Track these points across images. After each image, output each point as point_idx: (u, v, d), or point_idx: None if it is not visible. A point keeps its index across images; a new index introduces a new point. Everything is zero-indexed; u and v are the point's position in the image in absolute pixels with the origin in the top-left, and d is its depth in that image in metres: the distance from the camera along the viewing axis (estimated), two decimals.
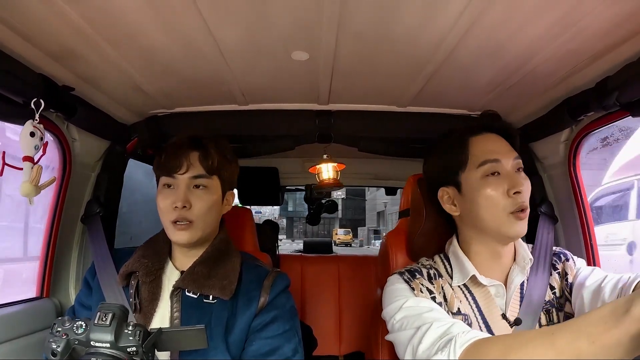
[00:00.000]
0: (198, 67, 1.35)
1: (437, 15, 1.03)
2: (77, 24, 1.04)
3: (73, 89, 1.32)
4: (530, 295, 1.16)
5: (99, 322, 0.84)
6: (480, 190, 1.11)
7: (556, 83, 1.37)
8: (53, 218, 1.54)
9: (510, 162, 1.11)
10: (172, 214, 1.16)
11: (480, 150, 1.14)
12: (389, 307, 1.11)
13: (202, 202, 1.18)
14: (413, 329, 1.00)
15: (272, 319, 1.17)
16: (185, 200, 1.15)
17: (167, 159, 1.20)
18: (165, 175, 1.20)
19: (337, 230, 34.62)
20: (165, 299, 1.18)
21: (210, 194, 1.21)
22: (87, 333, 0.84)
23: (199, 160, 1.20)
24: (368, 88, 1.56)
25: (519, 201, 1.07)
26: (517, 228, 1.08)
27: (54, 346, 0.84)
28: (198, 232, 1.18)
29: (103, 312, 0.85)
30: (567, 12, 0.98)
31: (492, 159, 1.11)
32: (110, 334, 0.83)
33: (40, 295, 1.54)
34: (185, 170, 1.18)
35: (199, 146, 1.22)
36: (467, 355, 0.84)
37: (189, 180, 1.18)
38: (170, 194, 1.18)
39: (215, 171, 1.21)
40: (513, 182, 1.08)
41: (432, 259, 1.25)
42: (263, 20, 1.06)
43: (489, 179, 1.10)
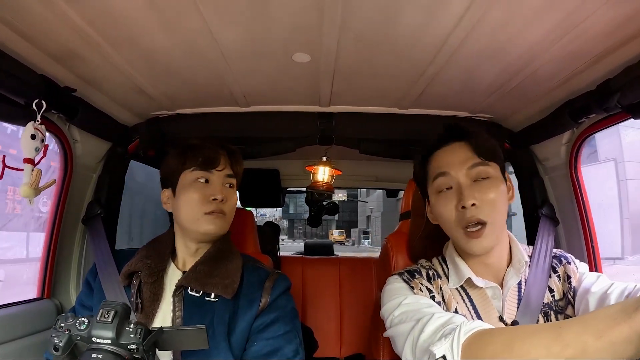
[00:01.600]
0: (199, 69, 1.35)
1: (438, 18, 1.03)
2: (78, 26, 1.04)
3: (74, 90, 1.32)
4: (528, 297, 1.15)
5: (101, 319, 0.85)
6: (436, 206, 1.12)
7: (557, 85, 1.37)
8: (54, 219, 1.54)
9: (463, 173, 1.07)
10: (209, 205, 1.20)
11: (435, 164, 1.13)
12: (388, 305, 1.11)
13: (233, 199, 1.28)
14: (413, 321, 0.99)
15: (273, 320, 1.17)
16: (223, 193, 1.22)
17: (201, 154, 1.24)
18: (200, 169, 1.24)
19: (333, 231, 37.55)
20: (167, 298, 1.18)
21: (234, 193, 1.30)
22: (89, 329, 0.85)
23: (229, 161, 1.29)
24: (369, 90, 1.56)
25: (467, 216, 1.03)
26: (471, 246, 1.06)
27: (57, 341, 0.85)
28: (227, 224, 1.26)
29: (105, 309, 0.86)
30: (567, 15, 0.98)
31: (441, 172, 1.09)
32: (111, 331, 0.84)
33: (41, 296, 1.54)
34: (223, 167, 1.26)
35: (226, 148, 1.30)
36: (471, 342, 0.82)
37: (224, 177, 1.26)
38: (206, 188, 1.23)
39: (237, 174, 1.31)
40: (459, 196, 1.05)
41: (431, 262, 1.25)
42: (264, 22, 1.07)
43: (442, 194, 1.10)
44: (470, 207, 1.03)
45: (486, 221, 1.03)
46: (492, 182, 1.06)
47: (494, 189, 1.05)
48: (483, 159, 1.07)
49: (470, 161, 1.07)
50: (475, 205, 1.03)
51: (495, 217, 1.05)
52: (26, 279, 2.34)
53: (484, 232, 1.03)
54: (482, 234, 1.03)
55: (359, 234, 37.51)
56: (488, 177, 1.07)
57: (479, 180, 1.06)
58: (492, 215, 1.04)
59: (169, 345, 0.93)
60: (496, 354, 0.76)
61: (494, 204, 1.04)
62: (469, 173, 1.07)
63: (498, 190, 1.06)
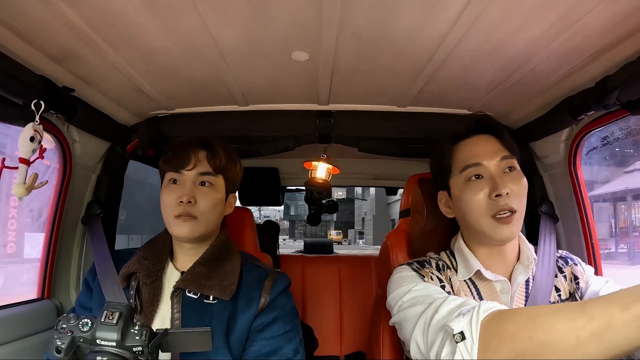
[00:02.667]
0: (198, 68, 1.35)
1: (437, 15, 1.03)
2: (77, 25, 1.04)
3: (73, 90, 1.32)
4: (535, 294, 1.16)
5: (106, 320, 0.83)
6: (463, 195, 1.12)
7: (556, 82, 1.37)
8: (54, 219, 1.54)
9: (495, 163, 1.10)
10: (177, 208, 1.17)
11: (463, 155, 1.14)
12: (397, 291, 1.10)
13: (207, 199, 1.19)
14: (425, 304, 0.98)
15: (273, 319, 1.17)
16: (191, 196, 1.17)
17: (174, 155, 1.21)
18: (171, 170, 1.21)
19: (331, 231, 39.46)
20: (166, 299, 1.18)
21: (215, 191, 1.22)
22: (92, 331, 0.84)
23: (206, 158, 1.22)
24: (368, 88, 1.56)
25: (500, 204, 1.05)
26: (500, 232, 1.07)
27: (59, 343, 0.84)
28: (201, 227, 1.19)
29: (110, 310, 0.84)
30: (566, 11, 0.98)
31: (473, 163, 1.11)
32: (116, 333, 0.82)
33: (41, 296, 1.54)
34: (193, 166, 1.20)
35: (207, 145, 1.24)
36: (491, 320, 0.81)
37: (195, 176, 1.20)
38: (176, 189, 1.19)
39: (221, 170, 1.23)
40: (494, 185, 1.07)
41: (439, 254, 1.25)
42: (263, 20, 1.06)
43: (471, 183, 1.11)
44: (505, 195, 1.05)
45: (516, 209, 1.06)
46: (519, 174, 1.11)
47: (521, 180, 1.10)
48: (509, 152, 1.12)
49: (500, 153, 1.11)
50: (508, 194, 1.06)
51: (522, 207, 1.09)
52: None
53: (513, 219, 1.06)
54: (512, 220, 1.06)
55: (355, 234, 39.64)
56: (515, 169, 1.11)
57: (508, 171, 1.10)
58: (520, 204, 1.08)
59: (173, 347, 0.92)
60: (518, 329, 0.74)
61: (522, 194, 1.09)
62: (500, 164, 1.10)
63: (524, 182, 1.11)
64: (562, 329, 0.68)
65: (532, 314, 0.76)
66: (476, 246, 1.17)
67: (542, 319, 0.72)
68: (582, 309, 0.68)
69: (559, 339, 0.68)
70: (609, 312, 0.65)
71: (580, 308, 0.69)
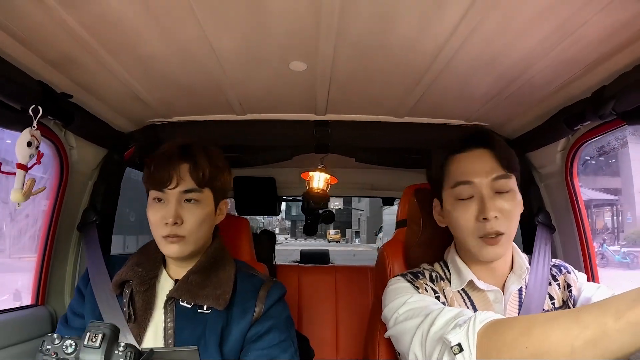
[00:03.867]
0: (196, 76, 1.35)
1: (434, 26, 1.03)
2: (76, 32, 1.04)
3: (71, 97, 1.32)
4: (528, 303, 1.16)
5: (89, 342, 0.81)
6: (452, 212, 1.11)
7: (552, 93, 1.38)
8: (49, 225, 1.53)
9: (486, 183, 1.07)
10: (164, 229, 1.13)
11: (456, 170, 1.12)
12: (392, 304, 1.10)
13: (194, 217, 1.15)
14: (422, 316, 0.98)
15: (268, 329, 1.16)
16: (177, 216, 1.13)
17: (156, 171, 1.16)
18: (154, 189, 1.16)
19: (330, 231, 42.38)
20: (160, 308, 1.16)
21: (202, 207, 1.18)
22: (76, 353, 0.82)
23: (189, 172, 1.16)
24: (365, 98, 1.57)
25: (487, 228, 1.04)
26: (486, 252, 1.07)
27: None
28: (190, 246, 1.16)
29: (93, 332, 0.82)
30: (562, 23, 0.99)
31: (464, 180, 1.09)
32: (100, 355, 0.80)
33: (36, 302, 1.53)
34: (176, 184, 1.14)
35: (189, 157, 1.18)
36: (487, 330, 0.81)
37: (179, 194, 1.15)
38: (161, 209, 1.15)
39: (206, 183, 1.18)
40: (483, 207, 1.05)
41: (432, 265, 1.25)
42: (261, 30, 1.07)
43: (461, 202, 1.09)
44: (493, 219, 1.04)
45: (504, 232, 1.05)
46: (512, 195, 1.08)
47: (513, 201, 1.07)
48: (506, 170, 1.08)
49: (494, 172, 1.08)
50: (497, 218, 1.04)
51: (512, 228, 1.07)
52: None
53: (500, 241, 1.05)
54: (499, 242, 1.05)
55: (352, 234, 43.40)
56: (509, 190, 1.08)
57: (500, 192, 1.07)
58: (510, 226, 1.06)
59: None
60: (514, 339, 0.75)
61: (513, 216, 1.07)
62: (492, 184, 1.07)
63: (516, 202, 1.08)
64: (557, 339, 0.69)
65: (528, 323, 0.76)
66: (468, 258, 1.17)
67: (537, 329, 0.73)
68: (576, 318, 0.69)
69: (554, 348, 0.69)
70: (603, 321, 0.65)
71: (574, 317, 0.69)
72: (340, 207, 39.11)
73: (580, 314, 0.69)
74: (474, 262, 1.15)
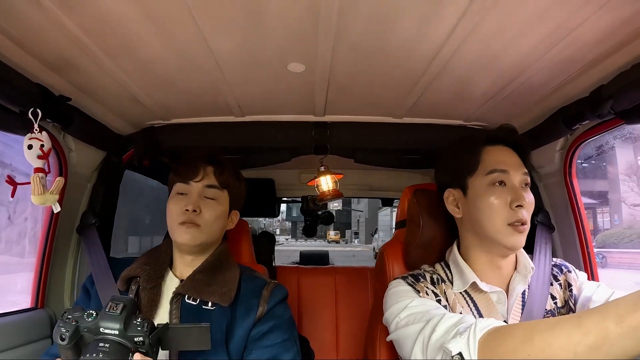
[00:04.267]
0: (194, 78, 1.35)
1: (433, 27, 1.04)
2: (74, 35, 1.04)
3: (70, 99, 1.32)
4: (531, 303, 1.16)
5: (110, 311, 0.87)
6: (485, 197, 1.12)
7: (551, 92, 1.38)
8: (48, 228, 1.53)
9: (518, 176, 1.13)
10: (182, 216, 1.21)
11: (491, 159, 1.15)
12: (393, 308, 1.10)
13: (211, 210, 1.24)
14: (422, 322, 0.98)
15: (271, 328, 1.18)
16: (197, 205, 1.22)
17: (184, 167, 1.28)
18: (180, 181, 1.27)
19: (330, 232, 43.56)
20: (165, 305, 1.19)
21: (219, 205, 1.27)
22: (97, 321, 0.87)
23: (214, 173, 1.28)
24: (364, 99, 1.57)
25: (518, 215, 1.08)
26: (514, 239, 1.09)
27: (63, 330, 0.85)
28: (203, 235, 1.23)
29: (114, 302, 0.89)
30: (560, 23, 0.99)
31: (501, 169, 1.12)
32: (119, 323, 0.86)
33: (35, 305, 1.52)
34: (201, 178, 1.26)
35: (215, 162, 1.30)
36: (488, 338, 0.81)
37: (202, 188, 1.26)
38: (183, 199, 1.24)
39: (226, 185, 1.30)
40: (517, 195, 1.09)
41: (433, 267, 1.25)
42: (259, 31, 1.07)
43: (495, 187, 1.12)
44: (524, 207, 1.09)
45: (528, 222, 1.10)
46: (529, 191, 1.14)
47: (531, 196, 1.13)
48: (527, 169, 1.16)
49: (522, 168, 1.15)
50: (525, 207, 1.09)
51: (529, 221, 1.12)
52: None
53: (524, 230, 1.09)
54: (523, 231, 1.09)
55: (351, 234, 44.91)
56: (528, 185, 1.16)
57: (524, 186, 1.14)
58: (529, 219, 1.12)
59: (172, 344, 0.95)
60: (516, 347, 0.75)
61: (532, 209, 1.13)
62: (521, 178, 1.14)
63: (533, 198, 1.14)
64: (559, 345, 0.70)
65: (529, 331, 0.77)
66: (475, 255, 1.17)
67: (539, 336, 0.73)
68: (578, 324, 0.69)
69: (556, 354, 0.70)
70: (604, 326, 0.66)
71: (576, 322, 0.70)
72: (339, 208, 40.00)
73: (581, 319, 0.70)
74: (481, 260, 1.16)
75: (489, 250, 1.15)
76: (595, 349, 0.66)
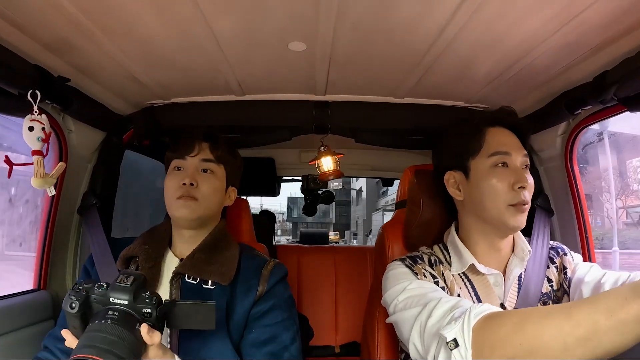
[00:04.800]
0: (194, 57, 1.34)
1: (436, 7, 1.02)
2: (72, 15, 1.03)
3: (69, 80, 1.31)
4: (527, 286, 1.17)
5: (120, 282, 0.90)
6: (487, 179, 1.12)
7: (554, 76, 1.37)
8: (50, 209, 1.54)
9: (520, 158, 1.14)
10: (179, 190, 1.22)
11: (494, 140, 1.15)
12: (392, 290, 1.11)
13: (208, 183, 1.26)
14: (419, 306, 1.00)
15: (270, 307, 1.20)
16: (193, 179, 1.23)
17: (180, 143, 1.29)
18: (176, 157, 1.28)
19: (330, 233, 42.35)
20: (165, 285, 1.20)
21: (216, 179, 1.29)
22: (107, 292, 0.89)
23: (209, 148, 1.29)
24: (365, 79, 1.56)
25: (521, 196, 1.09)
26: (516, 219, 1.10)
27: (74, 299, 0.87)
28: (200, 209, 1.23)
29: (125, 275, 0.92)
30: (565, 5, 0.98)
31: (504, 151, 1.13)
32: (129, 294, 0.88)
33: (38, 287, 1.54)
34: (196, 153, 1.27)
35: (210, 138, 1.31)
36: (482, 325, 0.83)
37: (198, 162, 1.27)
38: (179, 174, 1.25)
39: (222, 160, 1.31)
40: (519, 177, 1.10)
41: (431, 248, 1.26)
42: (260, 10, 1.05)
43: (497, 169, 1.12)
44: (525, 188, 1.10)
45: (528, 203, 1.12)
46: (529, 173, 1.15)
47: (532, 179, 1.15)
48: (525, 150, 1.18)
49: (523, 150, 1.17)
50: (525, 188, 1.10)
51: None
52: None
53: (526, 210, 1.12)
54: (525, 211, 1.12)
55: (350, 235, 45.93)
56: (528, 166, 1.17)
57: (524, 168, 1.15)
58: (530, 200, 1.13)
59: (178, 322, 0.96)
60: (508, 335, 0.77)
61: (532, 191, 1.14)
62: (522, 160, 1.15)
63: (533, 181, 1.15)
64: (549, 335, 0.71)
65: (521, 319, 0.78)
66: (475, 237, 1.18)
67: (530, 326, 0.75)
68: (569, 315, 0.70)
69: (547, 345, 0.71)
70: (595, 318, 0.67)
71: (567, 314, 0.71)
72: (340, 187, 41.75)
73: (572, 310, 0.71)
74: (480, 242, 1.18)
75: (489, 231, 1.16)
76: (584, 341, 0.67)
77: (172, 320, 0.96)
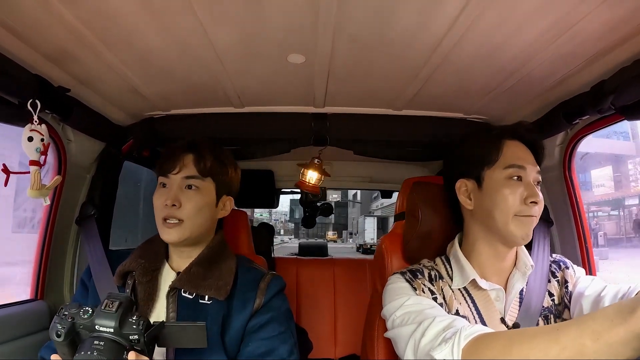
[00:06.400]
0: (194, 69, 1.35)
1: (433, 19, 1.03)
2: (73, 26, 1.04)
3: (69, 90, 1.31)
4: (529, 300, 1.16)
5: (106, 308, 0.88)
6: (500, 190, 1.12)
7: (551, 86, 1.38)
8: (48, 219, 1.53)
9: (533, 174, 1.14)
10: (163, 211, 1.19)
11: (511, 153, 1.15)
12: (390, 305, 1.11)
13: (192, 203, 1.20)
14: (415, 323, 1.00)
15: (268, 320, 1.18)
16: (175, 199, 1.18)
17: (164, 159, 1.24)
18: (160, 175, 1.23)
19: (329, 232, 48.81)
20: (162, 299, 1.18)
21: (202, 195, 1.23)
22: (92, 318, 0.87)
23: (192, 162, 1.23)
24: (364, 91, 1.56)
25: (531, 211, 1.10)
26: (522, 229, 1.10)
27: (59, 327, 0.86)
28: (186, 231, 1.19)
29: (110, 300, 0.89)
30: (562, 16, 0.99)
31: (520, 164, 1.13)
32: (114, 321, 0.86)
33: (35, 297, 1.53)
34: (178, 170, 1.21)
35: (194, 149, 1.25)
36: (471, 347, 0.84)
37: (181, 180, 1.21)
38: (164, 193, 1.21)
39: (208, 173, 1.24)
40: (532, 192, 1.10)
41: (433, 261, 1.25)
42: (259, 22, 1.06)
43: (512, 182, 1.12)
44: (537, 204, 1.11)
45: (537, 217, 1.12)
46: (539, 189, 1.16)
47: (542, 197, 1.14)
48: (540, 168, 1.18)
49: (537, 167, 1.16)
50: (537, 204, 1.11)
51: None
52: None
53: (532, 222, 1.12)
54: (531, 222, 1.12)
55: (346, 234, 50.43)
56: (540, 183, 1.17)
57: (536, 184, 1.15)
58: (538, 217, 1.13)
59: (169, 342, 0.95)
60: (495, 357, 0.77)
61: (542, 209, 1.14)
62: (535, 176, 1.15)
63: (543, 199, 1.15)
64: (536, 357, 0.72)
65: (509, 341, 0.79)
66: (480, 248, 1.18)
67: (517, 348, 0.76)
68: (556, 338, 0.71)
69: None
70: (580, 342, 0.68)
71: (554, 337, 0.72)
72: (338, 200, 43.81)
73: (559, 333, 0.72)
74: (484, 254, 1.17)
75: (495, 242, 1.16)
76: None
77: (163, 341, 0.94)
